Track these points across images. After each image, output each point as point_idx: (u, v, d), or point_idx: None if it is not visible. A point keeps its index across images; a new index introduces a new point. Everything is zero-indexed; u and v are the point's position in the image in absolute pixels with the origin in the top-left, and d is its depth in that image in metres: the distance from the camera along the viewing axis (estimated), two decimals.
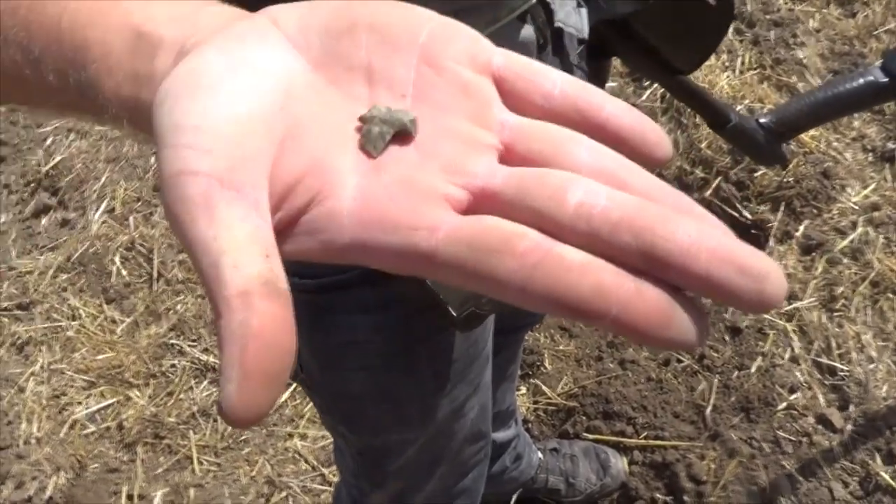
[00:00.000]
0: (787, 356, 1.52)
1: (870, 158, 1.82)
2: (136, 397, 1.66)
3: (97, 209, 2.00)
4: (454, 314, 0.62)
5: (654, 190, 0.28)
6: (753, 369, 1.51)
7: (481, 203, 0.29)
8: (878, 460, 1.35)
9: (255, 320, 0.24)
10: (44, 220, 2.01)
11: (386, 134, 0.30)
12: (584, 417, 1.52)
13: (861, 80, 0.85)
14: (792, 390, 1.47)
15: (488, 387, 0.83)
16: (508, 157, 0.30)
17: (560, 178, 0.28)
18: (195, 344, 1.73)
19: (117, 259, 1.89)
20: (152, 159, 2.08)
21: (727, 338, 1.58)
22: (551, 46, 0.68)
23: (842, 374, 1.47)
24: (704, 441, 1.44)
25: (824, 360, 1.50)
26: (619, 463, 1.44)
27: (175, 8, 0.32)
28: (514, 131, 0.30)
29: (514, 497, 1.40)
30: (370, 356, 0.75)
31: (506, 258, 0.26)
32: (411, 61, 0.31)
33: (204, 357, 1.70)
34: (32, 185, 2.07)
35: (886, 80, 0.84)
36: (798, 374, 1.50)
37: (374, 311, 0.71)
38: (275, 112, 0.29)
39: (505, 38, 0.61)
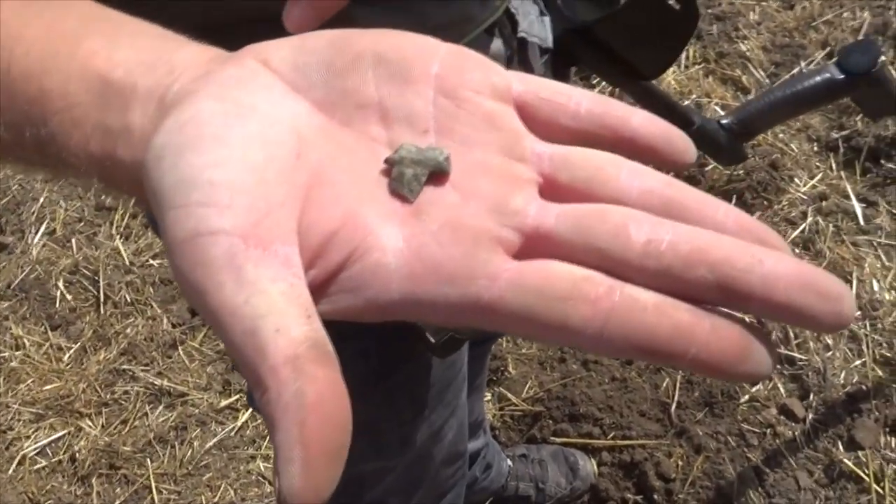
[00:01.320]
0: None
1: (815, 148, 1.85)
2: (89, 427, 1.60)
3: (36, 232, 1.92)
4: (432, 340, 0.59)
5: (706, 206, 0.27)
6: None
7: (535, 245, 0.26)
8: (840, 447, 1.37)
9: (310, 389, 0.21)
10: None
11: (421, 176, 0.27)
12: (550, 421, 1.51)
13: (818, 78, 0.86)
14: (753, 382, 1.49)
15: (465, 406, 0.81)
16: (550, 189, 0.28)
17: (619, 214, 0.26)
18: (148, 368, 1.67)
19: (61, 283, 1.82)
20: None
21: None
22: (517, 58, 0.66)
23: (800, 363, 1.49)
24: (671, 438, 1.44)
25: (782, 350, 1.52)
26: (588, 465, 1.44)
27: (142, 52, 0.29)
28: (552, 162, 0.28)
29: None
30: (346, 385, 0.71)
31: (579, 305, 0.24)
32: (427, 94, 0.29)
33: (158, 381, 1.64)
34: None
35: (842, 76, 0.85)
36: None
37: (350, 340, 0.68)
38: (292, 160, 0.26)
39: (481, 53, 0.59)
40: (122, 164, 0.28)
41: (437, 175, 0.27)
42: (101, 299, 1.77)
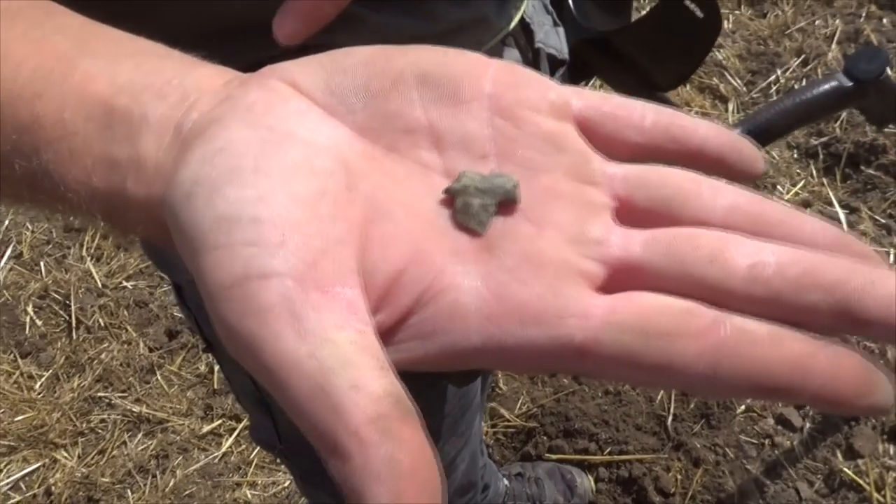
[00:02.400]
0: None
1: (795, 155, 1.86)
2: (64, 459, 1.53)
3: (3, 256, 1.85)
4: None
5: (796, 222, 0.25)
6: None
7: (622, 277, 0.24)
8: (839, 456, 1.36)
9: (402, 454, 0.19)
10: None
11: (489, 206, 0.24)
12: (545, 437, 1.48)
13: (826, 86, 0.84)
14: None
15: (478, 434, 0.78)
16: (626, 213, 0.25)
17: (713, 237, 0.24)
18: (125, 395, 1.61)
19: (30, 308, 1.75)
20: None
21: None
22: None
23: None
24: (669, 452, 1.42)
25: None
26: (586, 481, 1.41)
27: (148, 75, 0.26)
28: (625, 183, 0.26)
29: None
30: None
31: (685, 341, 0.22)
32: (482, 115, 0.26)
33: (136, 408, 1.58)
34: None
35: (851, 84, 0.84)
36: None
37: None
38: (342, 191, 0.23)
39: None
40: (134, 201, 0.25)
41: (506, 204, 0.25)
42: (74, 324, 1.71)
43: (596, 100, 0.27)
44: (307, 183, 0.22)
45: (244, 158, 0.22)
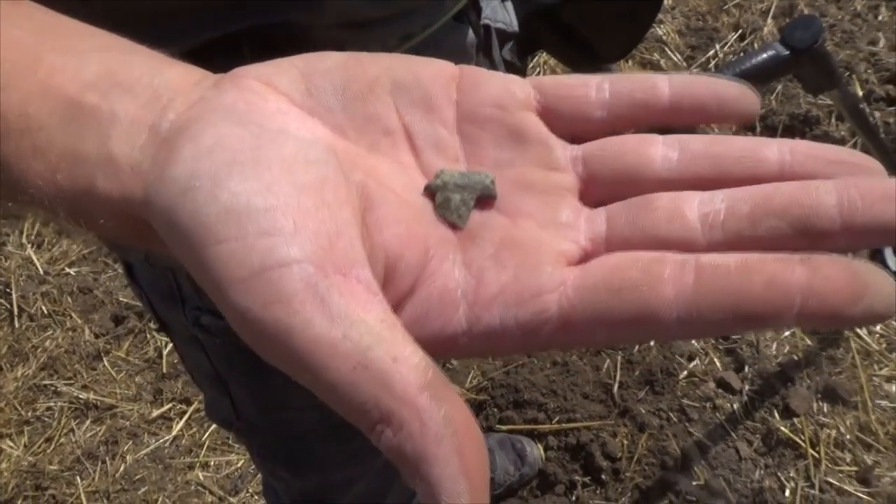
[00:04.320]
0: None
1: (733, 128, 1.91)
2: (10, 448, 1.50)
3: None
4: None
5: (758, 150, 0.25)
6: (652, 342, 1.55)
7: (594, 254, 0.25)
8: (777, 416, 1.42)
9: (457, 415, 0.20)
10: None
11: (469, 200, 0.26)
12: (495, 409, 1.51)
13: (764, 55, 0.87)
14: (690, 358, 1.53)
15: None
16: (591, 190, 0.27)
17: (666, 198, 0.25)
18: (71, 382, 1.58)
19: None
20: None
21: None
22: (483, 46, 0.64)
23: (734, 337, 1.53)
24: (615, 418, 1.46)
25: None
26: (535, 450, 1.45)
27: (116, 72, 0.25)
28: (586, 163, 0.27)
29: None
30: None
31: (657, 288, 0.22)
32: (451, 121, 0.27)
33: (83, 395, 1.56)
34: None
35: (787, 52, 0.87)
36: (694, 341, 1.55)
37: None
38: (341, 181, 0.23)
39: (452, 42, 0.56)
40: (103, 199, 0.24)
41: (484, 199, 0.27)
42: (16, 312, 1.67)
43: (552, 85, 0.28)
44: (307, 172, 0.23)
45: (240, 153, 0.22)
